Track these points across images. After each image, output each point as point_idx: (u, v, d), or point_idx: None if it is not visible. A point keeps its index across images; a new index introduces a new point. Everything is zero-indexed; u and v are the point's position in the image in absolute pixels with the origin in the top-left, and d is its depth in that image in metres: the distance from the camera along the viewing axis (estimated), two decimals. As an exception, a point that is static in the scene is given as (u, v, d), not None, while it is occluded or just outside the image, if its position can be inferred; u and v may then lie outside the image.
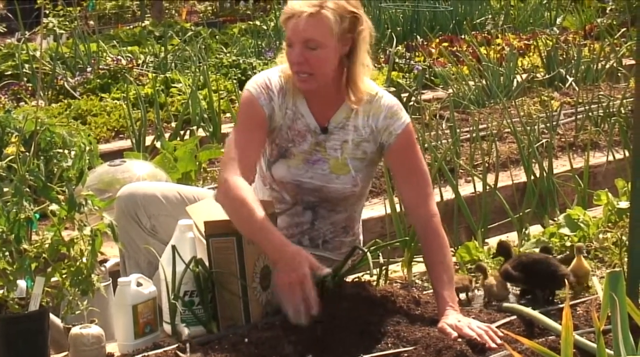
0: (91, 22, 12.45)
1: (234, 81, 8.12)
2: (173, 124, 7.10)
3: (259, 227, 3.41)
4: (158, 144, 6.08)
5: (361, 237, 3.98)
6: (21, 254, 3.12)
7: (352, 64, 3.65)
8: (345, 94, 3.69)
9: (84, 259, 3.17)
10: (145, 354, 3.33)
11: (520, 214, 4.81)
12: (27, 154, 3.15)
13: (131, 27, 11.93)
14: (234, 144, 3.60)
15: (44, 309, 3.18)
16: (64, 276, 3.19)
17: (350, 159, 3.72)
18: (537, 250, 4.15)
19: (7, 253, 3.12)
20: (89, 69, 8.65)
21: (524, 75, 8.74)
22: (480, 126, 6.78)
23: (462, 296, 3.77)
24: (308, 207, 3.79)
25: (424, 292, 3.85)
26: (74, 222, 3.16)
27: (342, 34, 3.59)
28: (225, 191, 3.51)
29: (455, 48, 9.83)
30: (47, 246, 3.13)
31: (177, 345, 3.32)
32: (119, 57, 8.96)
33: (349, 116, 3.72)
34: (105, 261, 3.93)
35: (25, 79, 8.47)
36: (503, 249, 3.93)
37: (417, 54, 9.74)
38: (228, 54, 9.72)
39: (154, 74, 8.51)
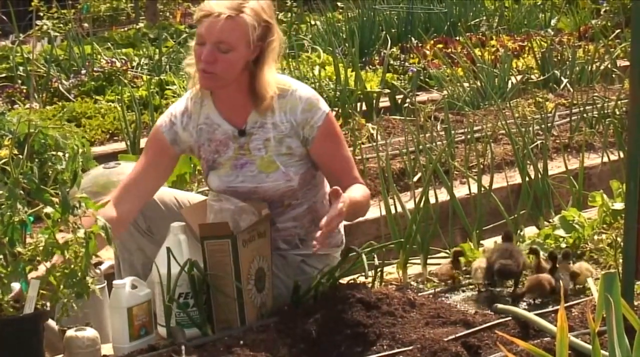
0: (85, 25, 12.44)
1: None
2: (168, 126, 7.08)
3: None
4: (153, 146, 6.06)
5: (341, 225, 3.94)
6: (15, 257, 3.11)
7: (258, 72, 3.67)
8: (251, 98, 3.71)
9: (78, 262, 3.16)
10: (140, 356, 3.33)
11: (515, 215, 4.81)
12: (21, 156, 3.14)
13: (125, 29, 11.92)
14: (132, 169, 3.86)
15: (39, 312, 3.18)
16: (58, 279, 3.18)
17: (275, 155, 3.73)
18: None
19: (1, 256, 3.11)
20: (83, 72, 8.64)
21: (519, 77, 8.75)
22: (475, 128, 6.78)
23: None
24: None
25: (419, 294, 3.85)
26: (68, 224, 3.15)
27: (253, 42, 3.62)
28: None
29: (449, 50, 9.83)
30: (41, 248, 3.13)
31: (172, 347, 3.32)
32: (114, 59, 8.96)
33: (265, 114, 3.73)
34: (100, 263, 3.92)
35: (19, 81, 8.47)
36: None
37: (411, 55, 9.75)
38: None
39: (148, 76, 8.50)
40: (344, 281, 3.80)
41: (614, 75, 9.05)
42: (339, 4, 12.65)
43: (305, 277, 3.73)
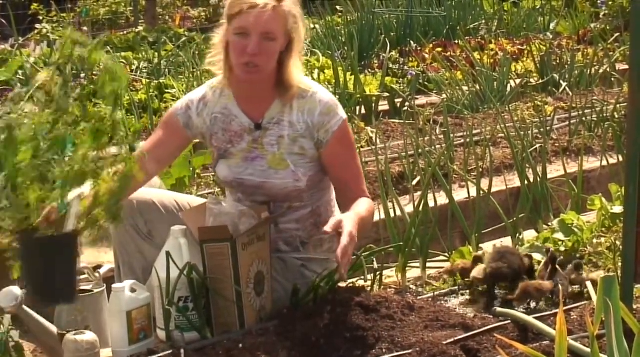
0: (85, 28, 12.44)
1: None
2: (167, 130, 7.08)
3: None
4: (152, 150, 6.06)
5: None
6: (46, 179, 3.07)
7: (288, 60, 3.72)
8: (277, 89, 3.75)
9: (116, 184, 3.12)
10: (140, 360, 3.34)
11: (514, 219, 4.80)
12: (64, 72, 3.14)
13: (125, 33, 11.94)
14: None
15: (76, 230, 3.11)
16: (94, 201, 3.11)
17: (287, 154, 3.75)
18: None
19: (39, 174, 3.05)
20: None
21: (518, 81, 8.76)
22: (474, 131, 6.79)
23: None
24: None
25: (419, 298, 3.85)
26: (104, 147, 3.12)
27: (289, 30, 3.68)
28: None
29: (449, 53, 9.84)
30: (81, 165, 3.08)
31: (171, 351, 3.32)
32: (113, 62, 8.95)
33: (282, 111, 3.76)
34: (99, 266, 3.92)
35: (18, 84, 8.46)
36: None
37: (410, 59, 9.75)
38: (222, 60, 9.70)
39: (147, 80, 8.51)
40: (343, 284, 3.80)
41: (613, 79, 9.07)
42: (338, 7, 12.67)
43: (305, 282, 3.73)
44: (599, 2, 12.65)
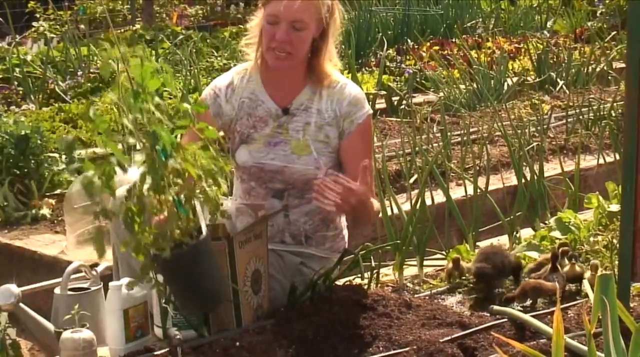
0: (82, 26, 12.44)
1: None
2: (164, 128, 7.07)
3: None
4: (149, 148, 6.05)
5: (345, 232, 3.99)
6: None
7: (321, 48, 3.75)
8: (308, 76, 3.79)
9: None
10: (137, 358, 3.33)
11: (511, 217, 4.81)
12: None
13: (122, 30, 11.92)
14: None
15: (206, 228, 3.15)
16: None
17: (312, 140, 3.77)
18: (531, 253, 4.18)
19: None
20: (79, 73, 8.63)
21: (515, 79, 8.77)
22: (471, 129, 6.79)
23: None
24: (276, 195, 3.82)
25: (415, 296, 3.86)
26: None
27: (322, 19, 3.70)
28: None
29: (446, 51, 9.85)
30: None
31: (168, 349, 3.32)
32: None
33: (312, 99, 3.80)
34: (96, 265, 3.91)
35: (15, 83, 8.46)
36: None
37: (407, 57, 9.76)
38: (219, 58, 9.71)
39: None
40: (340, 282, 3.80)
41: (609, 77, 9.07)
42: (335, 5, 12.66)
43: (302, 279, 3.73)
44: (595, 0, 12.66)
